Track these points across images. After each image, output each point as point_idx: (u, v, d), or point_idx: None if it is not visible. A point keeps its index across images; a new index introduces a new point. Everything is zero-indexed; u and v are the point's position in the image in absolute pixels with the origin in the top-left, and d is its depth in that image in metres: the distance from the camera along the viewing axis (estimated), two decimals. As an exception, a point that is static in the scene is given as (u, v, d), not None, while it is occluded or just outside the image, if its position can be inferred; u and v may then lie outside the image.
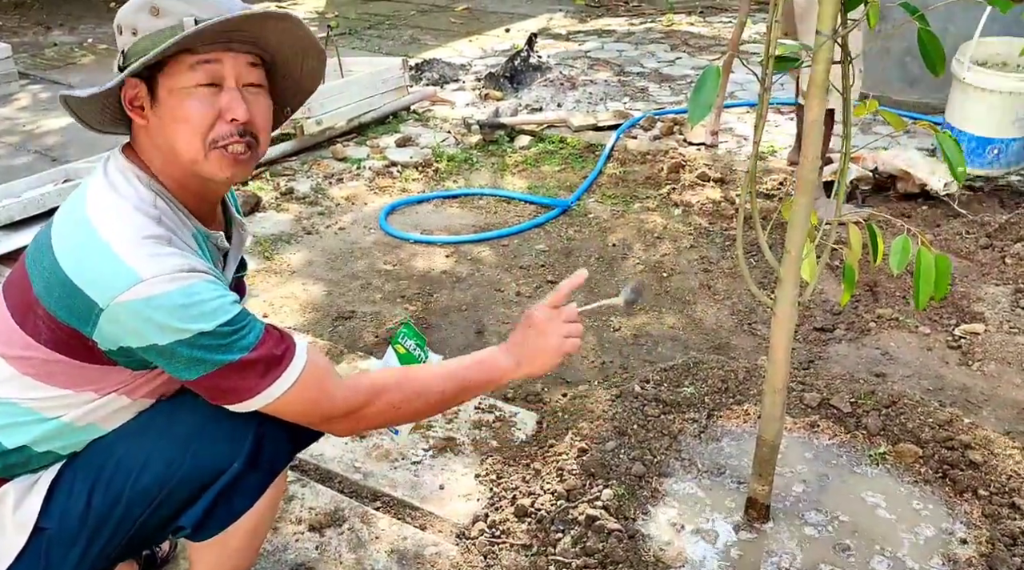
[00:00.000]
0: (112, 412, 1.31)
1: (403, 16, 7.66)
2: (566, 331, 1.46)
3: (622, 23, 7.06)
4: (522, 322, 1.47)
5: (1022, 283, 2.89)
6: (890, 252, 1.52)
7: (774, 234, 3.00)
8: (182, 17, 1.22)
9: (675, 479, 2.01)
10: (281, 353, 1.24)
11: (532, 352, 1.44)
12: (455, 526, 1.91)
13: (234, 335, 1.19)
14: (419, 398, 1.37)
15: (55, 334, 1.22)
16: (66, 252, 1.20)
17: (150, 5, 1.23)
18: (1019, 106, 3.50)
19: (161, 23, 1.22)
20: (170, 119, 1.25)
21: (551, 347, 1.44)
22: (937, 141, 1.50)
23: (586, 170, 4.01)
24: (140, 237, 1.18)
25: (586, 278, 1.54)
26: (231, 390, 1.22)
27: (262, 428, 1.32)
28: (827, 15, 1.40)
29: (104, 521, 1.28)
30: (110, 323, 1.17)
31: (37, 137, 4.66)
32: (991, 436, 2.10)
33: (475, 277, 3.13)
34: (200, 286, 1.18)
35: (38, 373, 1.25)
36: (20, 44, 6.60)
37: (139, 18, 1.24)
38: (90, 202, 1.23)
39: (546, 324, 1.45)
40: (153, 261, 1.16)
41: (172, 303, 1.15)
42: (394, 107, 4.73)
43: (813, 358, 2.57)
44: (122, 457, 1.29)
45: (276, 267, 3.25)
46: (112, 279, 1.15)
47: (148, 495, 1.28)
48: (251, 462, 1.32)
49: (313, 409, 1.29)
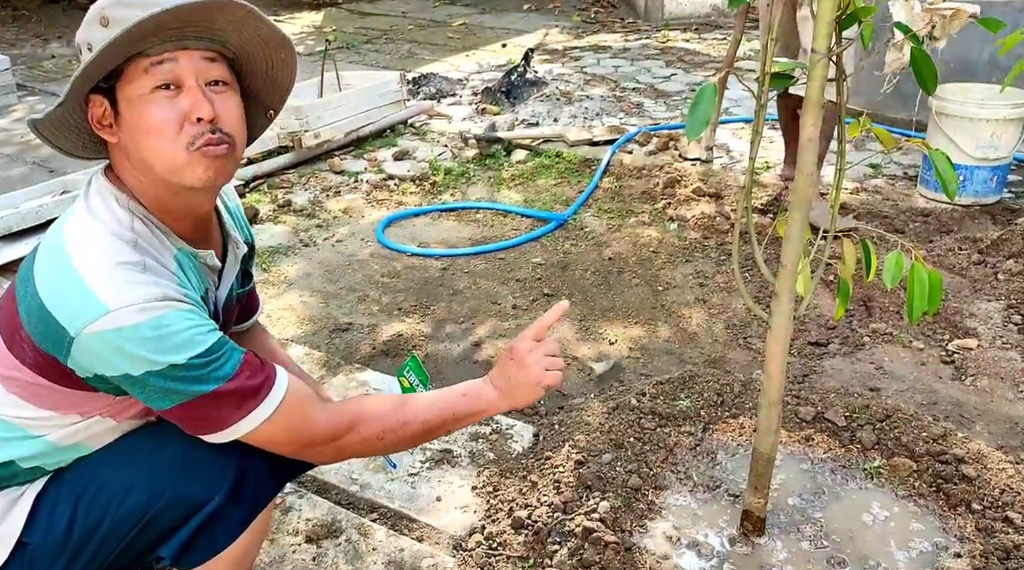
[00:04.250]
0: (98, 433, 1.30)
1: (400, 31, 7.70)
2: (547, 364, 1.44)
3: (618, 39, 7.12)
4: (504, 354, 1.46)
5: (1014, 299, 2.91)
6: (883, 267, 1.54)
7: (769, 249, 3.02)
8: (131, 22, 1.14)
9: (671, 492, 2.02)
10: (259, 384, 1.21)
11: (514, 385, 1.42)
12: (452, 538, 1.91)
13: (208, 366, 1.16)
14: (403, 427, 1.35)
15: (37, 358, 1.20)
16: (43, 278, 1.18)
17: (99, 16, 1.18)
18: (982, 134, 3.55)
19: (112, 32, 1.14)
20: (135, 131, 1.20)
21: (531, 380, 1.42)
22: (929, 158, 1.52)
23: (582, 184, 4.04)
24: (113, 264, 1.15)
25: (567, 309, 1.52)
26: (205, 420, 1.20)
27: (245, 462, 1.29)
28: (822, 34, 1.42)
29: (86, 541, 1.27)
30: (81, 352, 1.15)
31: (34, 148, 4.67)
32: (984, 450, 2.11)
33: (471, 290, 3.15)
34: (171, 316, 1.14)
35: (24, 393, 1.24)
36: (18, 56, 6.62)
37: (92, 32, 1.18)
38: (68, 227, 1.20)
39: (526, 356, 1.42)
40: (123, 290, 1.13)
41: (141, 335, 1.12)
42: (391, 121, 4.76)
43: (808, 372, 2.59)
44: (107, 479, 1.28)
45: (273, 279, 3.25)
46: (82, 308, 1.13)
47: (130, 520, 1.27)
48: (233, 496, 1.29)
49: (294, 439, 1.26)
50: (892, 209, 3.67)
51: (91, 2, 1.23)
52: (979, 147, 3.58)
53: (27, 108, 5.43)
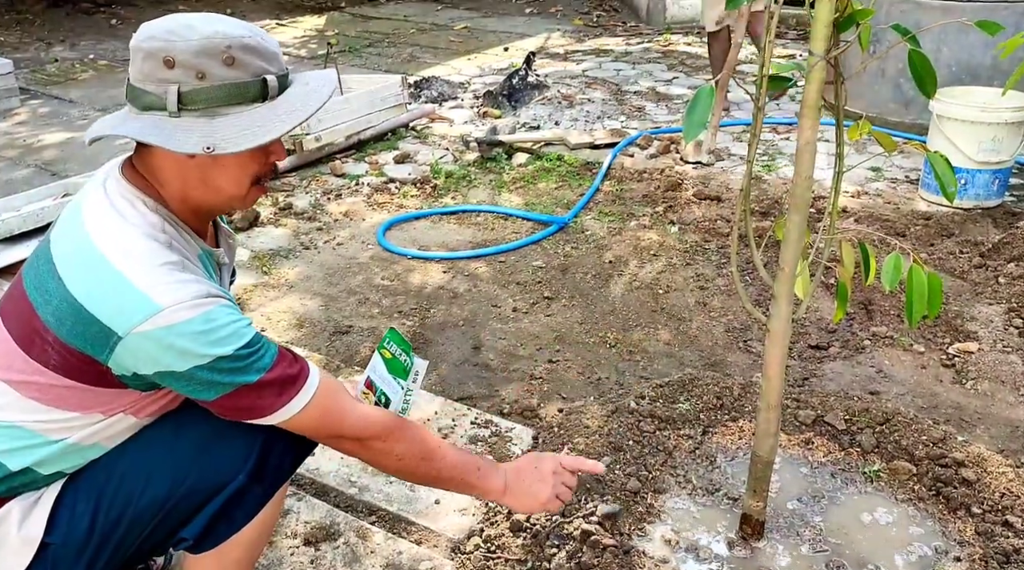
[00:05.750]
0: (118, 432, 1.32)
1: (402, 34, 7.71)
2: (560, 491, 1.54)
3: (619, 43, 7.12)
4: (530, 459, 1.56)
5: (1015, 302, 2.90)
6: (882, 270, 1.54)
7: (769, 252, 3.02)
8: (260, 74, 1.23)
9: (670, 495, 2.01)
10: (296, 373, 1.27)
11: (523, 490, 1.52)
12: (450, 541, 1.91)
13: (251, 357, 1.21)
14: (421, 463, 1.42)
15: (66, 360, 1.22)
16: (78, 281, 1.19)
17: (223, 54, 1.21)
18: (984, 137, 3.55)
19: (237, 75, 1.22)
20: (231, 166, 1.27)
21: (541, 498, 1.52)
22: (929, 161, 1.52)
23: (583, 188, 4.04)
24: (156, 264, 1.19)
25: (602, 472, 1.71)
26: (249, 408, 1.25)
27: (267, 442, 1.33)
28: (819, 36, 1.42)
29: (109, 535, 1.29)
30: (128, 351, 1.18)
31: (36, 151, 4.68)
32: (984, 454, 2.11)
33: (472, 293, 3.15)
34: (217, 312, 1.19)
35: (45, 397, 1.25)
36: (21, 60, 6.63)
37: (208, 63, 1.21)
38: (96, 229, 1.22)
39: (549, 475, 1.53)
40: (172, 289, 1.17)
41: (192, 330, 1.17)
42: (393, 124, 4.76)
43: (808, 375, 2.59)
44: (127, 471, 1.30)
45: (274, 281, 3.26)
46: (131, 308, 1.16)
47: (153, 508, 1.29)
48: (255, 475, 1.33)
49: (326, 426, 1.32)
50: (893, 212, 3.67)
51: (95, 6, 1.25)
52: (981, 150, 3.58)
53: (30, 111, 5.44)
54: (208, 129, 1.21)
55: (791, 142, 4.54)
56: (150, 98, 1.22)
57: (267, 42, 1.26)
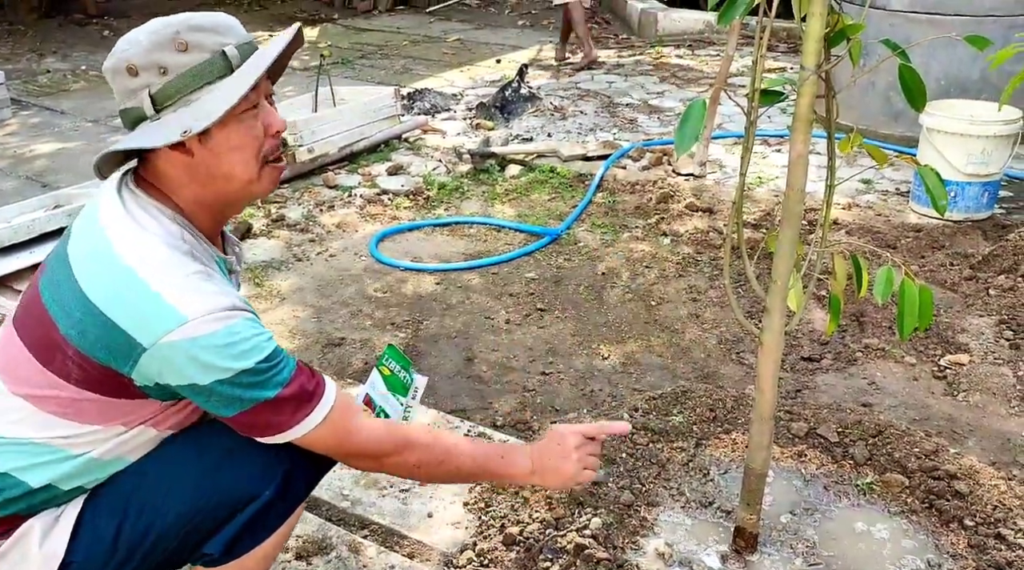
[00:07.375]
0: (140, 444, 1.31)
1: (395, 46, 7.74)
2: (587, 463, 1.53)
3: (611, 55, 7.15)
4: (552, 436, 1.54)
5: (1006, 314, 2.92)
6: (874, 283, 1.54)
7: (761, 264, 3.03)
8: (218, 48, 1.22)
9: (663, 508, 2.01)
10: (312, 389, 1.26)
11: (550, 468, 1.50)
12: (443, 555, 1.90)
13: (271, 371, 1.21)
14: (440, 465, 1.42)
15: (87, 374, 1.21)
16: (101, 292, 1.19)
17: (175, 41, 1.21)
18: (973, 150, 3.57)
19: (195, 57, 1.21)
20: (226, 149, 1.25)
21: (568, 473, 1.50)
22: (919, 174, 1.53)
23: (576, 199, 4.05)
24: (183, 275, 1.19)
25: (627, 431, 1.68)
26: (265, 425, 1.25)
27: (293, 459, 1.33)
28: (811, 51, 1.43)
29: (134, 551, 1.28)
30: (152, 362, 1.17)
31: (26, 162, 4.66)
32: (977, 466, 2.11)
33: (465, 304, 3.14)
34: (240, 324, 1.19)
35: (65, 411, 1.24)
36: (13, 71, 6.62)
37: (163, 57, 1.21)
38: (117, 239, 1.21)
39: (572, 451, 1.51)
40: (198, 300, 1.17)
41: (215, 343, 1.16)
42: (386, 136, 4.77)
43: (800, 387, 2.59)
44: (151, 486, 1.29)
45: (266, 293, 3.25)
46: (157, 319, 1.16)
47: (179, 524, 1.28)
48: (281, 490, 1.33)
49: (339, 443, 1.32)
50: (884, 224, 3.68)
51: (87, 17, 1.25)
52: (970, 163, 3.60)
53: (21, 122, 5.42)
54: (185, 116, 1.22)
55: (783, 154, 4.56)
56: (134, 112, 1.25)
57: (216, 16, 1.25)
